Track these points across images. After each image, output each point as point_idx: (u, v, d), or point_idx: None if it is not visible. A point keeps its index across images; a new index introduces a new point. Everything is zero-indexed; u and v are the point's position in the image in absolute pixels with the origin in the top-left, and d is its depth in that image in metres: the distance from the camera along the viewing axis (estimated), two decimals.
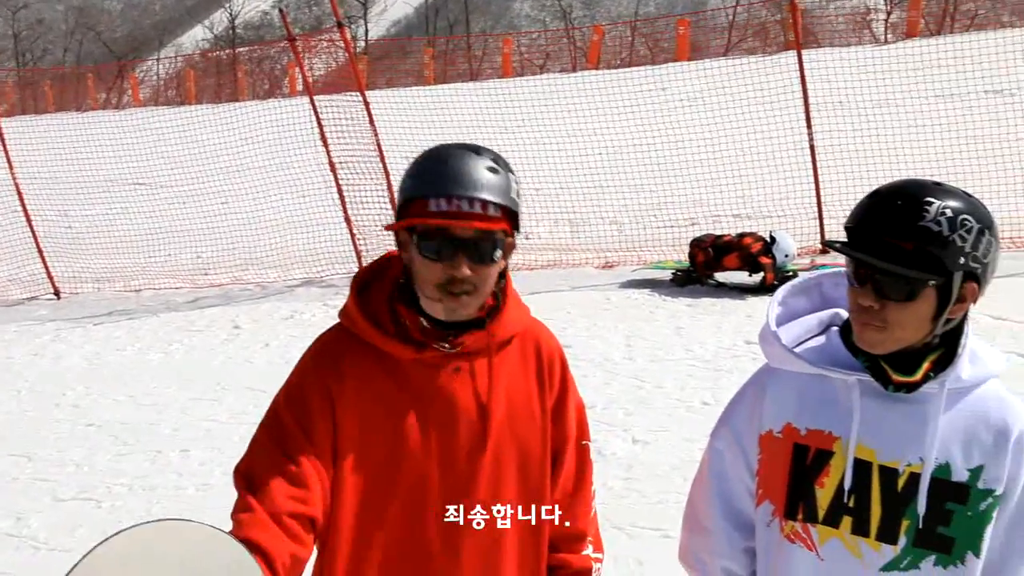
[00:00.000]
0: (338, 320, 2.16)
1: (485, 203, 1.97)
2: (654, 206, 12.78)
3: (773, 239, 9.28)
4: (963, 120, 12.23)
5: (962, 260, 1.82)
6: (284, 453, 1.97)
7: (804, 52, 13.17)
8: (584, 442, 2.32)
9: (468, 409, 2.10)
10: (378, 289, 2.14)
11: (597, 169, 13.36)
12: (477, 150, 2.02)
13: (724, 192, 12.30)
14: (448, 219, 1.95)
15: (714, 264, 9.47)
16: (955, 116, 12.23)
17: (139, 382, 8.10)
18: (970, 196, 1.86)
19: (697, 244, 9.63)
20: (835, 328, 2.04)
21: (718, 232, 10.31)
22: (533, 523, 2.19)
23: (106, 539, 1.63)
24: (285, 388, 2.08)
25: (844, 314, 2.03)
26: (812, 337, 2.05)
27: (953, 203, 1.81)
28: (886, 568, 1.95)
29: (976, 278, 1.86)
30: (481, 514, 2.12)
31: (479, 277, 2.01)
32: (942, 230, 1.80)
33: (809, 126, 10.76)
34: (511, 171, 2.06)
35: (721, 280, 9.62)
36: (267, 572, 1.76)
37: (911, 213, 1.81)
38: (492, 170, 1.99)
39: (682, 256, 10.18)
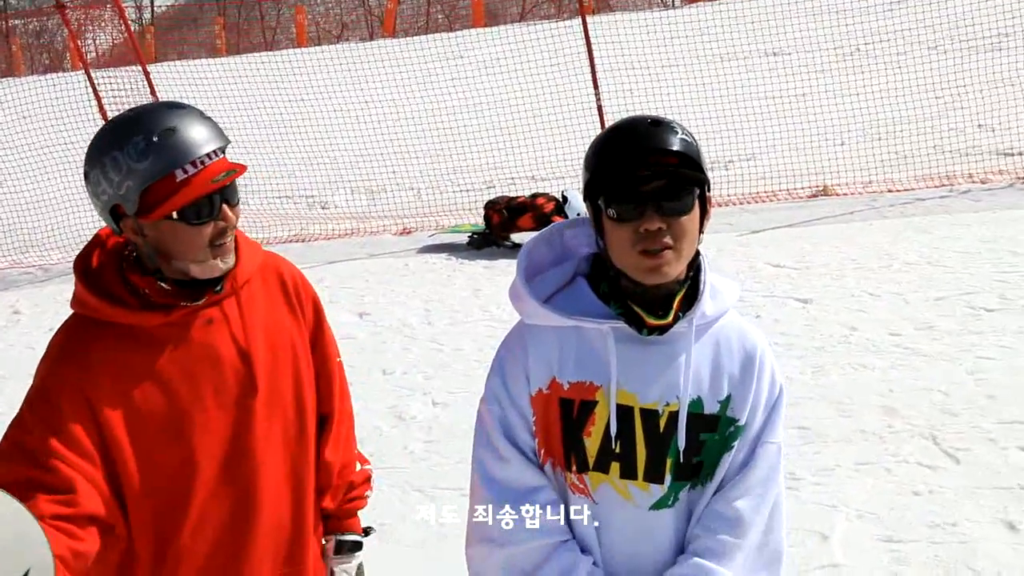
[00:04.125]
0: (72, 312, 2.08)
1: (221, 148, 1.99)
2: (451, 171, 12.83)
3: (565, 198, 9.44)
4: (742, 80, 12.77)
5: (708, 168, 1.94)
6: (36, 464, 1.88)
7: (596, 18, 13.48)
8: (338, 359, 2.42)
9: (231, 355, 2.10)
10: (104, 268, 2.07)
11: (395, 137, 13.29)
12: (175, 104, 1.99)
13: (519, 155, 12.44)
14: (212, 182, 1.94)
15: (509, 225, 9.57)
16: (735, 76, 12.76)
17: None
18: None
19: (491, 206, 9.72)
20: (581, 277, 2.06)
21: (513, 194, 10.43)
22: (309, 450, 2.28)
23: None
24: (29, 397, 1.98)
25: (586, 262, 2.07)
26: (561, 289, 2.06)
27: (678, 123, 1.94)
28: (655, 506, 2.00)
29: (709, 188, 1.96)
30: (267, 454, 2.16)
31: (236, 218, 2.03)
32: (692, 140, 1.91)
33: (596, 88, 10.99)
34: None
35: (517, 241, 9.71)
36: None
37: (666, 131, 1.89)
38: (203, 115, 1.99)
39: (478, 220, 10.26)
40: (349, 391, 2.47)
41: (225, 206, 2.00)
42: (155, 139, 1.91)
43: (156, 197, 1.93)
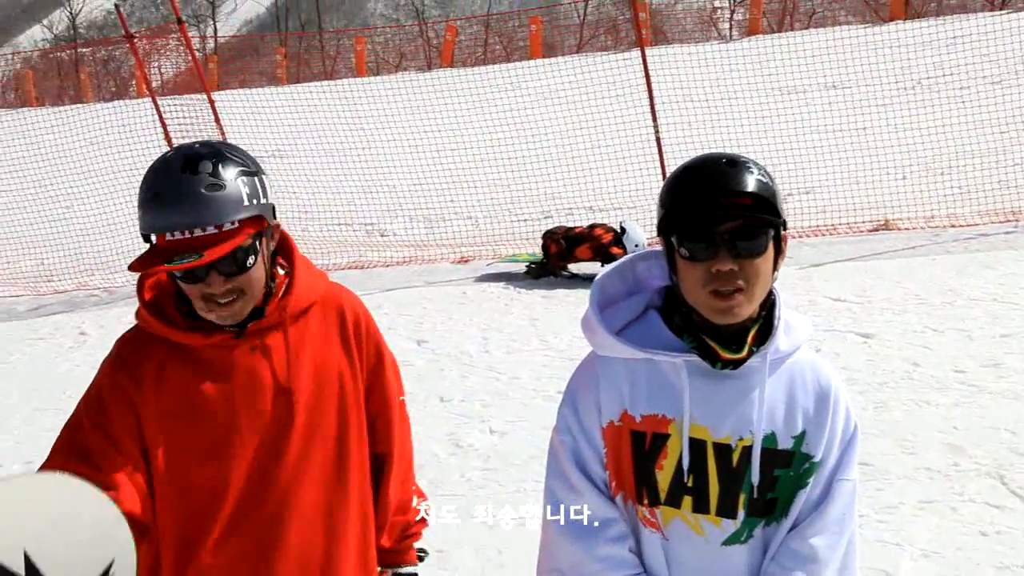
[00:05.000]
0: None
1: (217, 225, 1.97)
2: (509, 201, 12.88)
3: (623, 229, 9.44)
4: (802, 113, 12.69)
5: (783, 208, 1.92)
6: (85, 460, 1.99)
7: (653, 49, 13.51)
8: (401, 398, 2.43)
9: (271, 384, 2.13)
10: (160, 287, 2.17)
11: (452, 166, 13.39)
12: (196, 164, 1.97)
13: (577, 185, 12.47)
14: (165, 263, 1.94)
15: (567, 255, 9.59)
16: (794, 109, 12.69)
17: None
18: None
19: (550, 236, 9.74)
20: (654, 310, 2.06)
21: (570, 224, 10.45)
22: (351, 487, 2.26)
23: None
24: (85, 397, 2.10)
25: (658, 295, 2.07)
26: (633, 321, 2.06)
27: (755, 162, 1.93)
28: (727, 542, 1.99)
29: (785, 227, 1.94)
30: (299, 485, 2.17)
31: (239, 284, 2.03)
32: (768, 180, 1.89)
33: (655, 120, 11.00)
34: (245, 168, 2.03)
35: (574, 271, 9.75)
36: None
37: (742, 171, 1.88)
38: (214, 187, 1.96)
39: (536, 249, 10.28)
40: (410, 430, 2.48)
41: (219, 275, 2.01)
42: (146, 198, 1.97)
43: (150, 250, 2.01)
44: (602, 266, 9.79)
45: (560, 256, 9.63)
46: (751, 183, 1.87)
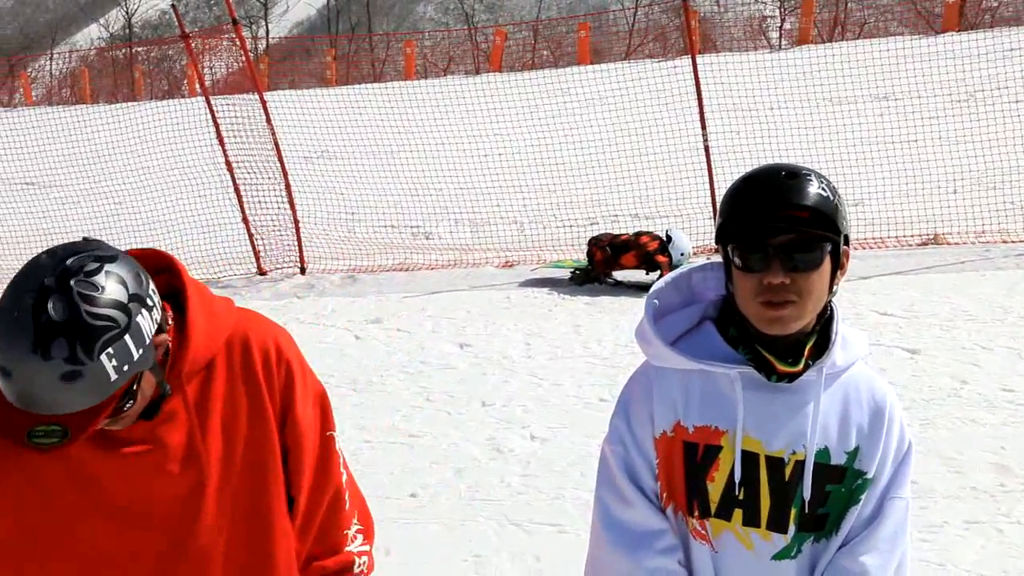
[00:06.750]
0: None
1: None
2: (554, 206, 12.88)
3: (669, 238, 9.40)
4: (852, 124, 12.59)
5: (845, 223, 1.91)
6: None
7: (702, 57, 13.43)
8: (329, 433, 2.15)
9: (176, 451, 1.95)
10: None
11: (499, 170, 13.40)
12: (48, 345, 1.61)
13: (623, 192, 12.44)
14: (49, 442, 1.72)
15: (612, 262, 9.55)
16: (844, 120, 12.59)
17: None
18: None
19: (595, 243, 9.72)
20: (709, 321, 2.06)
21: (616, 231, 10.42)
22: (275, 536, 2.07)
23: None
24: None
25: (713, 307, 2.07)
26: (688, 332, 2.06)
27: (819, 175, 1.91)
28: (777, 557, 1.99)
29: (848, 242, 1.94)
30: (218, 543, 2.01)
31: (119, 416, 1.82)
32: (830, 195, 1.88)
33: (704, 128, 10.95)
34: (110, 333, 1.65)
35: (619, 279, 9.72)
36: None
37: (802, 184, 1.88)
38: (72, 375, 1.63)
39: (581, 255, 10.27)
40: (337, 467, 2.17)
41: (113, 414, 1.79)
42: None
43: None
44: (647, 274, 9.82)
45: (605, 263, 9.60)
46: (810, 196, 1.86)
